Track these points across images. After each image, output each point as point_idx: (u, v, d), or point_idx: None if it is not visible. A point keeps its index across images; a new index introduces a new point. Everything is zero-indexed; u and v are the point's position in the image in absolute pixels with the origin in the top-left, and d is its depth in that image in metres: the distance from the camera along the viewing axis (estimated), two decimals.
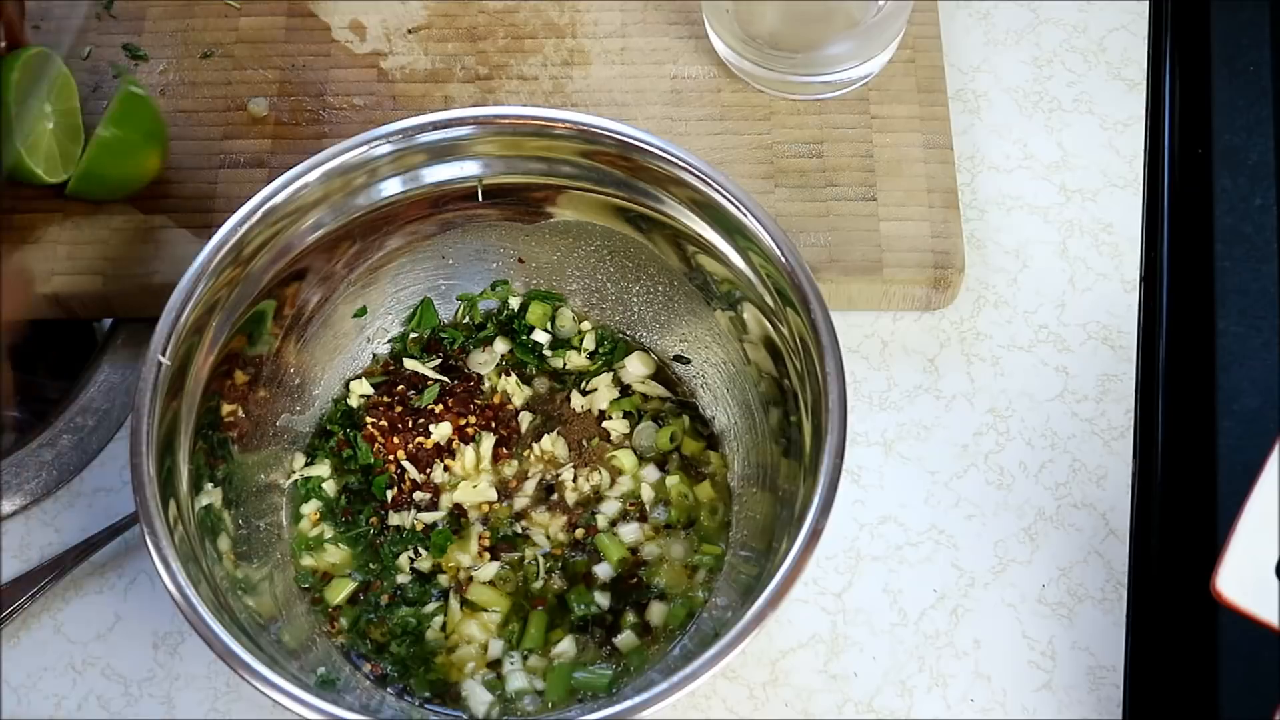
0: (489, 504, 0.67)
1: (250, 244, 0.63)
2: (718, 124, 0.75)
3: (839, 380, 0.58)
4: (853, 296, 0.72)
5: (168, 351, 0.60)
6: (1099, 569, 0.67)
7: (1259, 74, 0.74)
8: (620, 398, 0.69)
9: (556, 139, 0.65)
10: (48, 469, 0.69)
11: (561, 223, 0.69)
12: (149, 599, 0.66)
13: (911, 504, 0.68)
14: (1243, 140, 0.73)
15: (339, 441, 0.68)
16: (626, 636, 0.64)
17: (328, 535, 0.66)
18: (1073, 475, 0.69)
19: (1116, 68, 0.79)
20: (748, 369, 0.67)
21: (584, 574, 0.65)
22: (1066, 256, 0.74)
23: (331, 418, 0.69)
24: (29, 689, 0.65)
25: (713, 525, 0.66)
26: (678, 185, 0.64)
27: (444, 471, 0.68)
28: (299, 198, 0.63)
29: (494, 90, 0.76)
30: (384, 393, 0.69)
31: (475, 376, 0.70)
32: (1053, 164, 0.76)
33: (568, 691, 0.62)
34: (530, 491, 0.67)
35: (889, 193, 0.72)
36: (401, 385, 0.70)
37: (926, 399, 0.71)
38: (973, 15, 0.81)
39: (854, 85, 0.75)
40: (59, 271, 0.71)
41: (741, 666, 0.65)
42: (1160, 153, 0.76)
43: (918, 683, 0.64)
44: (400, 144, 0.64)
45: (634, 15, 0.79)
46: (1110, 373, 0.71)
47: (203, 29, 0.78)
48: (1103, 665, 0.64)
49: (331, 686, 0.61)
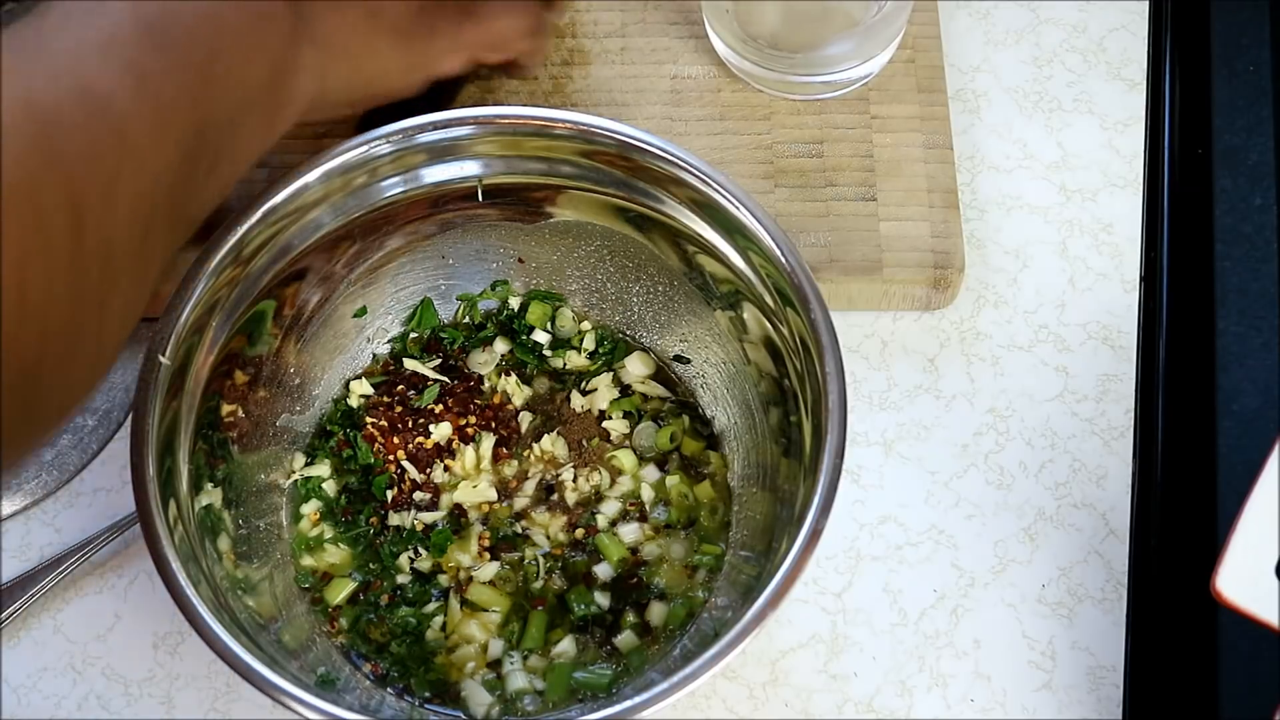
0: (489, 504, 0.67)
1: (250, 244, 0.63)
2: (718, 124, 0.75)
3: (839, 380, 0.58)
4: (853, 296, 0.72)
5: (168, 351, 0.60)
6: (1099, 569, 0.67)
7: (1259, 74, 0.74)
8: (620, 398, 0.69)
9: (556, 139, 0.65)
10: (48, 469, 0.69)
11: (561, 223, 0.69)
12: (149, 599, 0.66)
13: (911, 504, 0.68)
14: (1243, 140, 0.73)
15: (339, 441, 0.68)
16: (626, 636, 0.64)
17: (328, 535, 0.66)
18: (1073, 475, 0.69)
19: (1116, 68, 0.79)
20: (748, 369, 0.67)
21: (584, 574, 0.65)
22: (1066, 256, 0.74)
23: (331, 418, 0.69)
24: (29, 689, 0.65)
25: (713, 525, 0.66)
26: (678, 185, 0.64)
27: (444, 471, 0.68)
28: (299, 198, 0.63)
29: (494, 90, 0.76)
30: (384, 393, 0.69)
31: (475, 376, 0.70)
32: (1053, 164, 0.76)
33: (568, 691, 0.62)
34: (530, 491, 0.67)
35: (889, 193, 0.72)
36: (401, 385, 0.69)
37: (926, 399, 0.71)
38: (973, 15, 0.81)
39: (854, 85, 0.75)
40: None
41: (741, 666, 0.65)
42: (1160, 153, 0.76)
43: (918, 683, 0.64)
44: (400, 144, 0.64)
45: (634, 15, 0.79)
46: (1110, 373, 0.71)
47: None
48: (1103, 665, 0.64)
49: (331, 686, 0.61)
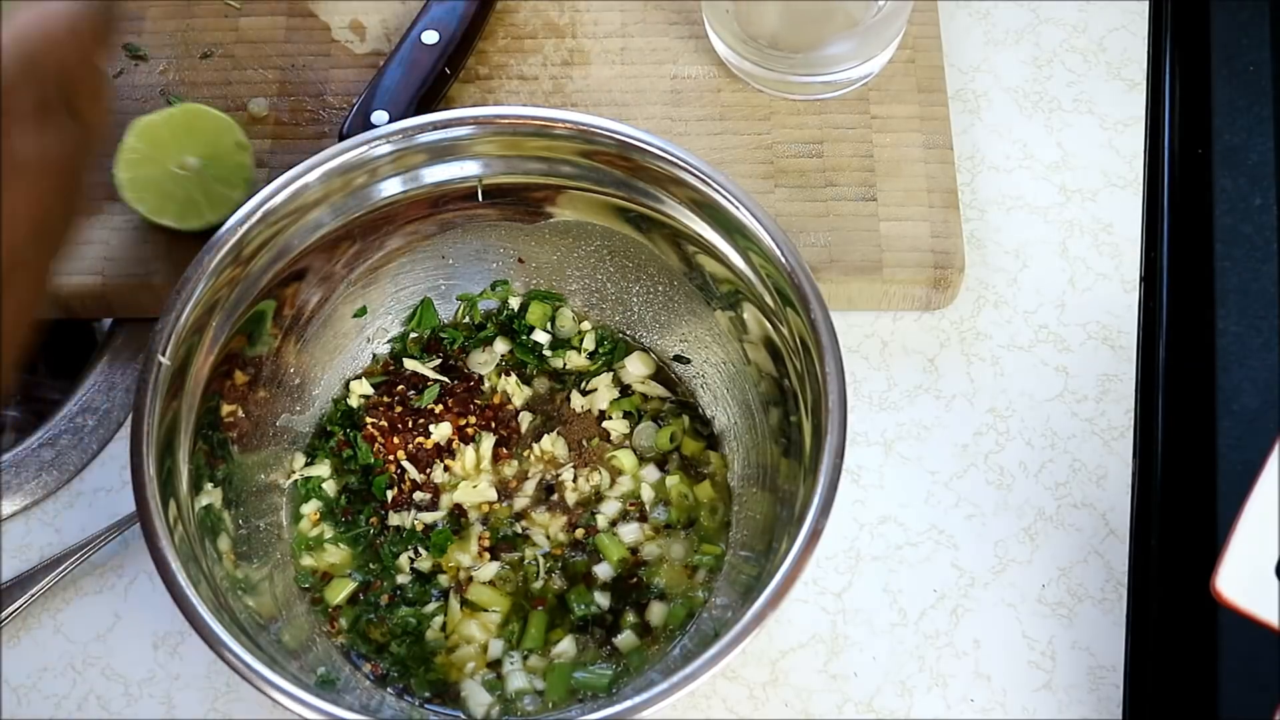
0: (489, 504, 0.67)
1: (250, 244, 0.63)
2: (718, 124, 0.75)
3: (839, 380, 0.58)
4: (853, 296, 0.72)
5: (168, 351, 0.60)
6: (1099, 569, 0.67)
7: (1259, 74, 0.74)
8: (620, 398, 0.69)
9: (556, 139, 0.65)
10: (48, 469, 0.69)
11: (561, 223, 0.69)
12: (149, 599, 0.66)
13: (911, 504, 0.68)
14: (1243, 140, 0.73)
15: (339, 441, 0.68)
16: (626, 636, 0.64)
17: (328, 535, 0.66)
18: (1073, 475, 0.69)
19: (1116, 68, 0.79)
20: (748, 369, 0.67)
21: (584, 574, 0.65)
22: (1066, 256, 0.74)
23: (331, 418, 0.69)
24: (29, 689, 0.65)
25: (713, 525, 0.66)
26: (677, 185, 0.64)
27: (444, 471, 0.68)
28: (299, 198, 0.63)
29: (494, 90, 0.76)
30: (384, 393, 0.69)
31: (475, 376, 0.70)
32: (1053, 164, 0.76)
33: (568, 691, 0.62)
34: (530, 492, 0.67)
35: (889, 193, 0.72)
36: (401, 385, 0.69)
37: (926, 399, 0.71)
38: (973, 15, 0.81)
39: (854, 85, 0.75)
40: (59, 271, 0.71)
41: (741, 666, 0.65)
42: (1160, 153, 0.76)
43: (918, 683, 0.64)
44: (400, 144, 0.64)
45: (634, 15, 0.79)
46: (1110, 373, 0.71)
47: (202, 29, 0.78)
48: (1103, 665, 0.64)
49: (331, 686, 0.61)
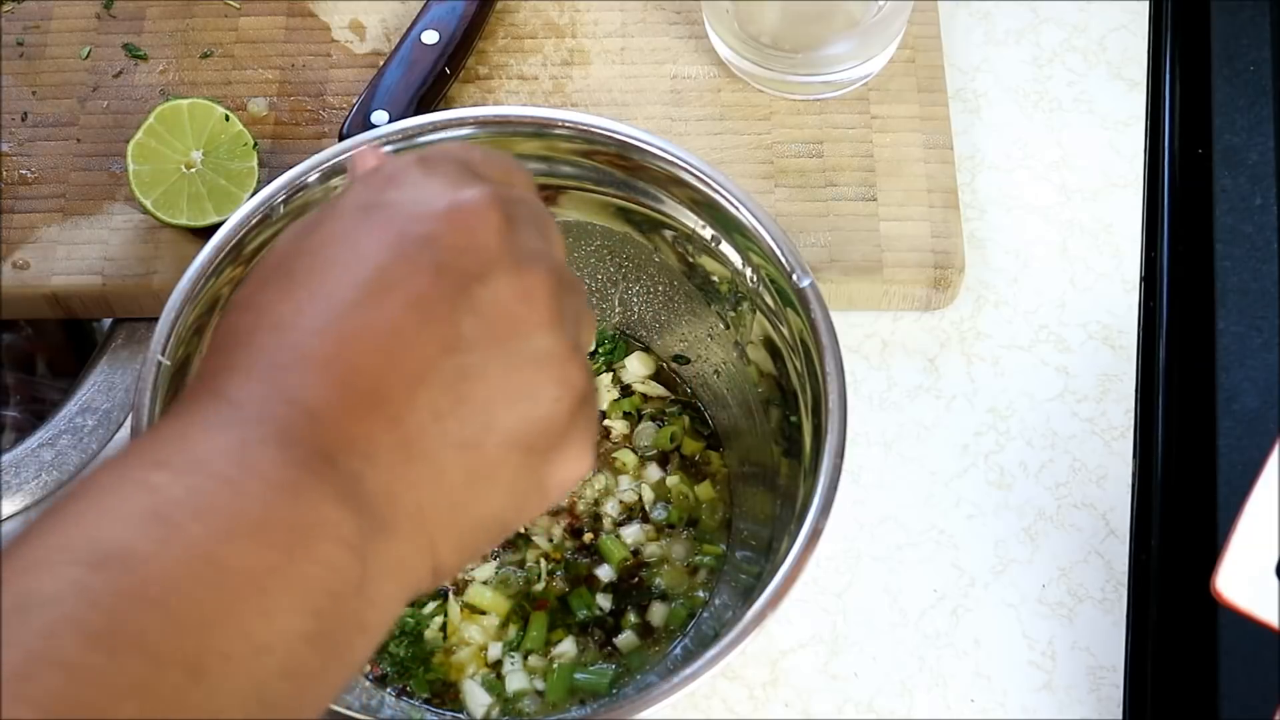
0: None
1: (250, 244, 0.63)
2: (718, 124, 0.75)
3: (839, 380, 0.58)
4: (853, 296, 0.71)
5: (167, 351, 0.59)
6: (1099, 569, 0.67)
7: (1259, 74, 0.74)
8: (620, 398, 0.69)
9: (556, 139, 0.65)
10: (48, 469, 0.69)
11: (561, 223, 0.69)
12: None
13: (911, 504, 0.68)
14: (1243, 140, 0.73)
15: None
16: (627, 637, 0.64)
17: None
18: (1073, 475, 0.69)
19: (1116, 68, 0.79)
20: (748, 369, 0.67)
21: (586, 576, 0.65)
22: (1066, 256, 0.74)
23: None
24: None
25: (713, 525, 0.66)
26: (677, 185, 0.64)
27: None
28: (299, 198, 0.63)
29: (494, 90, 0.76)
30: None
31: None
32: (1053, 164, 0.76)
33: (568, 692, 0.62)
34: None
35: (889, 193, 0.72)
36: None
37: (926, 399, 0.71)
38: (973, 15, 0.81)
39: (854, 85, 0.75)
40: (59, 271, 0.71)
41: (741, 666, 0.65)
42: (1160, 153, 0.76)
43: (918, 683, 0.64)
44: (400, 144, 0.64)
45: (634, 15, 0.78)
46: (1110, 373, 0.71)
47: (202, 29, 0.78)
48: (1103, 665, 0.64)
49: None
